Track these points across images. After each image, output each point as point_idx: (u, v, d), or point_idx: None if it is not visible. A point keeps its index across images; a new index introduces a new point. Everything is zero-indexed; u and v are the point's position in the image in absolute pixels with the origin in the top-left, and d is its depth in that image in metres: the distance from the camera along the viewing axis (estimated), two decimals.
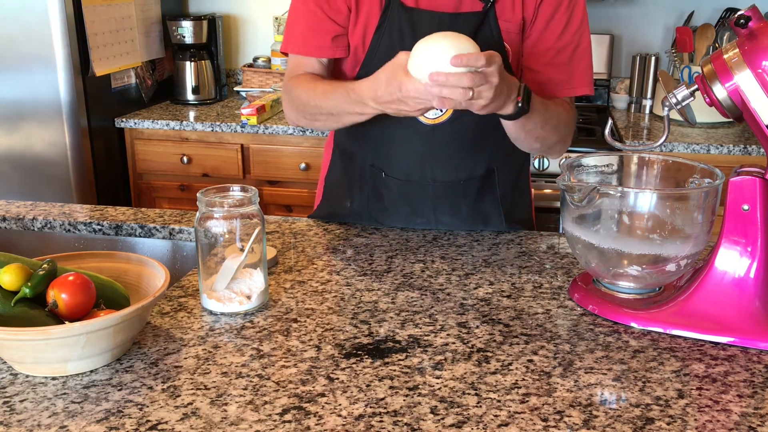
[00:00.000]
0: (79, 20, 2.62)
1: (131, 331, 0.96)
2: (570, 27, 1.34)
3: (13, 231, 1.53)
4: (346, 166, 1.48)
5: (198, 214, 1.09)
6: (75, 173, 2.71)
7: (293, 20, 1.39)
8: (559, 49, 1.35)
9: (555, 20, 1.33)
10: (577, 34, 1.35)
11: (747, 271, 1.01)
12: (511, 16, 1.33)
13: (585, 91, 1.39)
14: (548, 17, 1.33)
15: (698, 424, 0.84)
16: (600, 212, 1.08)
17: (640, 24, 3.13)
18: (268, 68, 3.21)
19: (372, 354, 0.98)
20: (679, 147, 2.49)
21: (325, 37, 1.35)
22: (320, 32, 1.35)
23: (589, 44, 1.38)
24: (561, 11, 1.33)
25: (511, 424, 0.83)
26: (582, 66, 1.37)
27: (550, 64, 1.36)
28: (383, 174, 1.41)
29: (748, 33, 0.99)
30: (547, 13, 1.33)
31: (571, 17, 1.34)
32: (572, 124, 1.39)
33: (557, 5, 1.32)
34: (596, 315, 1.09)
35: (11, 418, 0.84)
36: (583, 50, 1.37)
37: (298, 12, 1.38)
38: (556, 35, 1.34)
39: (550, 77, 1.37)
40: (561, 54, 1.35)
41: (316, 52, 1.37)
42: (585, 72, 1.38)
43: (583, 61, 1.37)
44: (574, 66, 1.37)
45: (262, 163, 2.81)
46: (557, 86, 1.37)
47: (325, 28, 1.34)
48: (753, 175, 1.01)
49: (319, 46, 1.36)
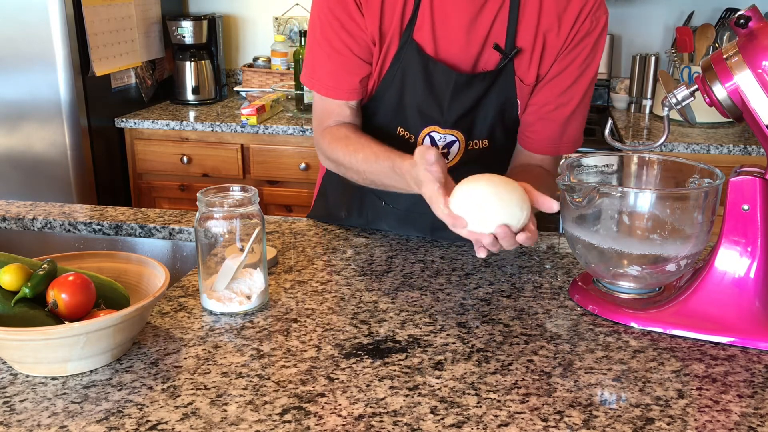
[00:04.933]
0: (79, 20, 2.62)
1: (131, 331, 0.96)
2: (577, 85, 1.27)
3: (13, 231, 1.53)
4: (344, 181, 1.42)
5: (198, 214, 1.09)
6: (75, 173, 2.71)
7: (317, 56, 1.29)
8: (559, 104, 1.28)
9: (564, 74, 1.26)
10: (582, 92, 1.29)
11: (747, 271, 1.01)
12: (527, 70, 1.26)
13: (571, 151, 1.34)
14: (559, 71, 1.26)
15: (698, 424, 0.84)
16: (600, 212, 1.08)
17: (640, 24, 3.13)
18: (268, 68, 3.21)
19: (372, 354, 0.98)
20: (679, 147, 2.49)
21: (354, 79, 1.28)
22: (349, 74, 1.27)
23: (589, 101, 1.32)
24: (573, 67, 1.26)
25: (511, 424, 0.83)
26: (575, 125, 1.32)
27: (545, 119, 1.29)
28: (383, 203, 1.40)
29: (748, 33, 0.99)
30: (559, 67, 1.26)
31: (582, 75, 1.27)
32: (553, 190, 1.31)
33: (572, 60, 1.25)
34: (596, 315, 1.09)
35: (11, 418, 0.84)
36: (582, 109, 1.31)
37: (322, 49, 1.28)
38: (560, 90, 1.27)
39: (540, 131, 1.31)
40: (559, 110, 1.29)
41: (346, 95, 1.29)
42: (577, 131, 1.33)
43: (578, 120, 1.31)
44: (568, 124, 1.30)
45: (262, 163, 2.81)
46: (544, 142, 1.32)
47: (354, 69, 1.27)
48: (753, 175, 1.01)
49: (349, 90, 1.29)
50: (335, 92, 1.30)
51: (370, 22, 1.23)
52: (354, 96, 1.30)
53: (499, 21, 1.23)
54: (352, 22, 1.23)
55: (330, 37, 1.26)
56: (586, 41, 1.25)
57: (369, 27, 1.24)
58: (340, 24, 1.24)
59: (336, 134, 1.29)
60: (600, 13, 1.24)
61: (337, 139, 1.28)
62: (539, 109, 1.29)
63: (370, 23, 1.23)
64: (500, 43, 1.24)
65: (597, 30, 1.25)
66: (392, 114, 1.32)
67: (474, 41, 1.24)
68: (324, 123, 1.33)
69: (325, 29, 1.26)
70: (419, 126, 1.31)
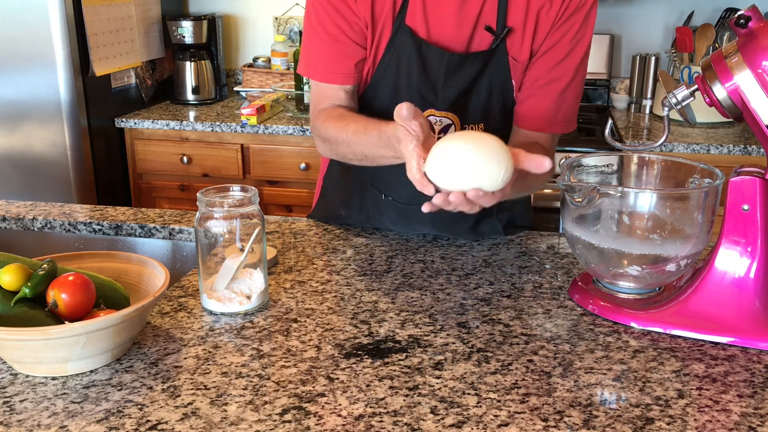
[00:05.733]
0: (79, 20, 2.62)
1: (131, 331, 0.96)
2: (569, 60, 1.28)
3: (13, 231, 1.53)
4: (345, 177, 1.46)
5: (198, 214, 1.09)
6: (75, 173, 2.71)
7: (312, 44, 1.32)
8: (551, 80, 1.28)
9: (555, 49, 1.27)
10: (574, 68, 1.28)
11: (747, 271, 1.01)
12: (519, 49, 1.27)
13: (566, 130, 1.34)
14: (550, 46, 1.27)
15: (698, 424, 0.84)
16: (600, 212, 1.08)
17: (640, 24, 3.13)
18: (268, 68, 3.21)
19: (372, 354, 0.98)
20: (679, 147, 2.49)
21: (349, 62, 1.29)
22: (344, 58, 1.29)
23: (583, 81, 1.32)
24: (564, 41, 1.26)
25: (511, 424, 0.83)
26: (569, 103, 1.31)
27: (537, 95, 1.30)
28: (383, 196, 1.40)
29: (748, 33, 0.99)
30: (551, 42, 1.27)
31: (573, 50, 1.27)
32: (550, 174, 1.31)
33: (562, 35, 1.26)
34: (596, 315, 1.09)
35: (11, 418, 0.84)
36: (575, 86, 1.30)
37: (317, 36, 1.30)
38: (551, 65, 1.28)
39: (533, 107, 1.31)
40: (551, 86, 1.29)
41: (341, 79, 1.31)
42: (570, 110, 1.32)
43: (571, 98, 1.31)
44: (561, 101, 1.30)
45: (262, 163, 2.81)
46: (538, 119, 1.31)
47: (348, 53, 1.29)
48: (753, 175, 1.01)
49: (344, 74, 1.30)
50: (330, 77, 1.31)
51: (363, 6, 1.26)
52: (349, 80, 1.31)
53: (489, 1, 1.25)
54: (345, 6, 1.26)
55: (324, 23, 1.28)
56: (576, 16, 1.26)
57: (361, 12, 1.26)
58: (334, 9, 1.27)
59: (330, 113, 1.31)
60: None
61: (331, 117, 1.30)
62: (531, 84, 1.30)
63: (363, 8, 1.26)
64: (491, 23, 1.26)
65: (587, 5, 1.26)
66: (389, 100, 1.32)
67: (465, 22, 1.26)
68: (319, 106, 1.35)
69: (320, 15, 1.29)
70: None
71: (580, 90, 1.33)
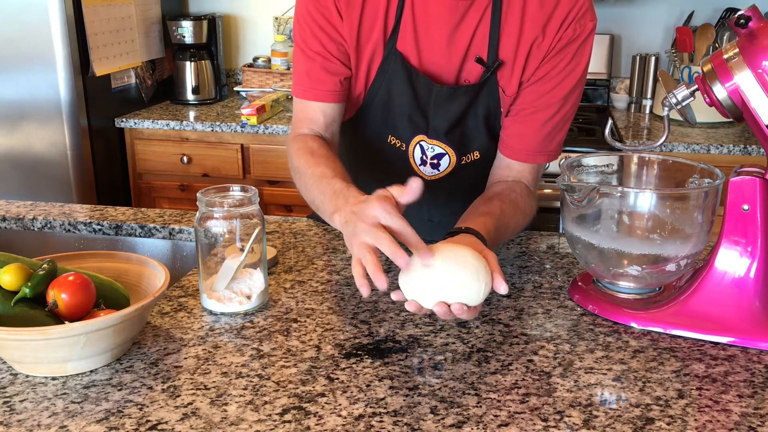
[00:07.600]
0: (79, 20, 2.62)
1: (131, 331, 0.96)
2: (556, 91, 1.22)
3: (13, 231, 1.53)
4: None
5: (198, 214, 1.09)
6: (75, 173, 2.71)
7: (298, 61, 1.29)
8: (536, 109, 1.24)
9: (544, 80, 1.22)
10: (561, 99, 1.23)
11: (747, 271, 1.01)
12: (509, 81, 1.24)
13: (550, 159, 1.29)
14: (540, 76, 1.22)
15: (698, 424, 0.84)
16: (600, 212, 1.08)
17: (640, 24, 3.13)
18: (268, 68, 3.21)
19: (372, 354, 0.98)
20: (679, 147, 2.49)
21: (333, 79, 1.26)
22: (327, 74, 1.26)
23: (573, 110, 1.26)
24: (553, 73, 1.21)
25: (511, 424, 0.83)
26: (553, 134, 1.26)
27: (521, 123, 1.25)
28: None
29: (748, 33, 0.99)
30: (540, 74, 1.22)
31: (562, 82, 1.22)
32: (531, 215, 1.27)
33: (552, 66, 1.21)
34: (596, 315, 1.09)
35: (11, 418, 0.84)
36: (562, 115, 1.25)
37: (302, 52, 1.27)
38: (538, 94, 1.23)
39: (515, 135, 1.26)
40: (535, 115, 1.24)
41: (323, 96, 1.27)
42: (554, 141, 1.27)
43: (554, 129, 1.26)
44: (545, 132, 1.25)
45: (262, 163, 2.81)
46: (519, 148, 1.27)
47: (332, 69, 1.25)
48: (753, 175, 1.01)
49: (327, 90, 1.26)
50: (313, 93, 1.28)
51: (348, 27, 1.23)
52: (331, 98, 1.27)
53: (480, 32, 1.21)
54: (328, 24, 1.23)
55: (308, 40, 1.25)
56: (569, 48, 1.21)
57: (345, 32, 1.23)
58: (318, 26, 1.24)
59: (304, 147, 1.24)
60: (585, 21, 1.20)
61: (305, 149, 1.24)
62: (516, 112, 1.26)
63: (348, 28, 1.23)
64: (482, 54, 1.22)
65: (581, 37, 1.21)
66: (382, 123, 1.31)
67: (455, 52, 1.23)
68: (298, 129, 1.31)
69: (304, 32, 1.26)
70: (409, 134, 1.31)
71: (567, 121, 1.27)
